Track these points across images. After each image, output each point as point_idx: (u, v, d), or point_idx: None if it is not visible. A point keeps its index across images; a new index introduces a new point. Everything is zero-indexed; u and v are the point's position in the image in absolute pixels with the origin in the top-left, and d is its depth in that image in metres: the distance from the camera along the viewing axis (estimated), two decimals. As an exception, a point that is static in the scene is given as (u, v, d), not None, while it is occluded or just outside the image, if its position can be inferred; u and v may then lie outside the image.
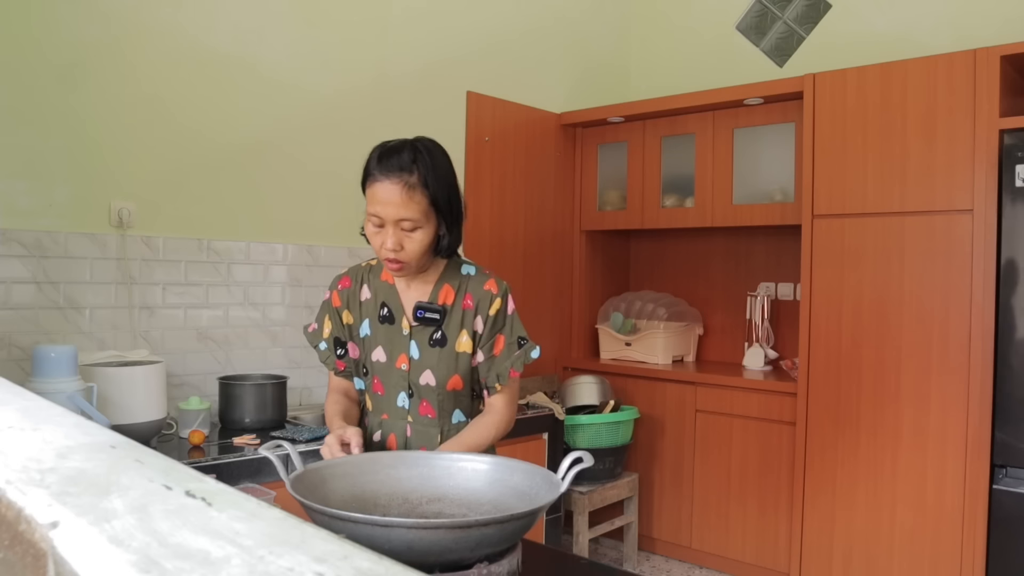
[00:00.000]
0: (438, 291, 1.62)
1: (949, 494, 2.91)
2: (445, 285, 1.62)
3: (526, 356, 1.63)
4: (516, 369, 1.62)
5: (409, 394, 1.62)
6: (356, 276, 1.70)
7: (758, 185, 3.69)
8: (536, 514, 1.12)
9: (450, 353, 1.60)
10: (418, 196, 1.49)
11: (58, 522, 0.41)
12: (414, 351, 1.61)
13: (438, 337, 1.60)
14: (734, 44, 4.19)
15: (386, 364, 1.62)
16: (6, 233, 2.38)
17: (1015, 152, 2.72)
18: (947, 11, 3.52)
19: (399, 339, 1.62)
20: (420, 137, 1.58)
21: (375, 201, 1.50)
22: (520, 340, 1.63)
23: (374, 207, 1.50)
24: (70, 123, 2.51)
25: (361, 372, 1.69)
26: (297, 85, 3.06)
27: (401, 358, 1.61)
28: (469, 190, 3.72)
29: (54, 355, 2.11)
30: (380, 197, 1.49)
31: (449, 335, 1.60)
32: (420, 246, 1.52)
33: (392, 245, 1.50)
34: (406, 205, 1.48)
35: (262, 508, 0.45)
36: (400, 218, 1.49)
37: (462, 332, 1.60)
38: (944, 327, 2.94)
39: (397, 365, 1.62)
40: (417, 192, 1.48)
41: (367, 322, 1.65)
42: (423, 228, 1.51)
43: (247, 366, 2.92)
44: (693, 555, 3.67)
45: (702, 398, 3.63)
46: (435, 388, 1.60)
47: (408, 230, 1.50)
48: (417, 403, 1.62)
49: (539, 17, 4.08)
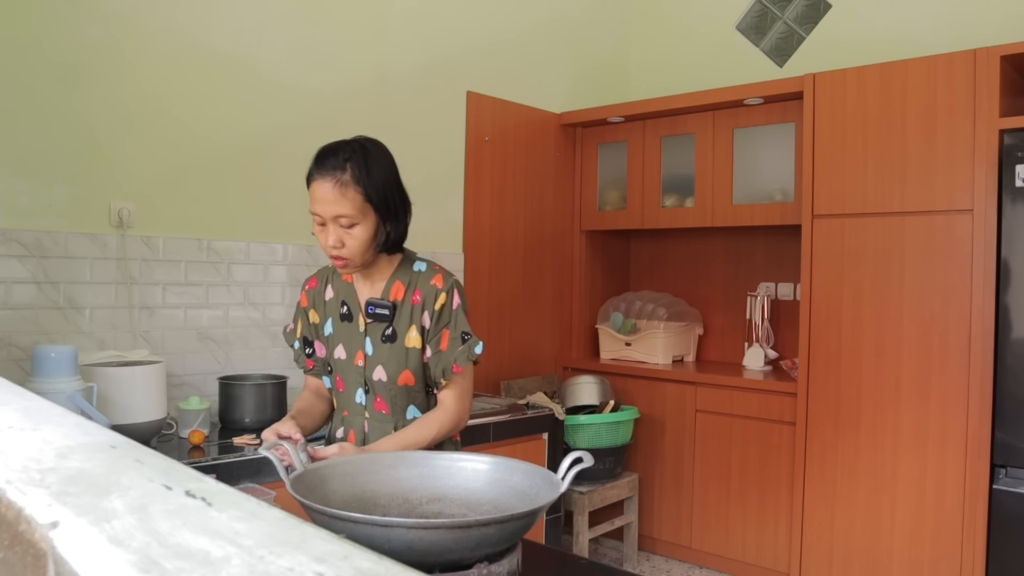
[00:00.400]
0: (390, 287, 1.67)
1: (949, 494, 2.91)
2: (396, 282, 1.67)
3: (470, 351, 1.64)
4: (460, 364, 1.63)
5: (365, 390, 1.67)
6: (322, 277, 1.77)
7: (758, 185, 3.69)
8: (536, 514, 1.12)
9: (400, 349, 1.64)
10: (351, 193, 1.54)
11: (58, 522, 0.41)
12: (368, 347, 1.66)
13: (389, 333, 1.64)
14: (734, 44, 4.20)
15: (346, 361, 1.68)
16: (6, 233, 2.38)
17: (1015, 152, 2.72)
18: (947, 11, 3.52)
19: (356, 336, 1.67)
20: (360, 136, 1.64)
21: (314, 199, 1.56)
22: (464, 335, 1.65)
23: (313, 205, 1.56)
24: (70, 123, 2.51)
25: (327, 371, 1.75)
26: (297, 85, 3.06)
27: (358, 355, 1.67)
28: (469, 190, 3.73)
29: (54, 355, 2.11)
30: (317, 195, 1.55)
31: (399, 331, 1.64)
32: (360, 242, 1.56)
33: (333, 242, 1.55)
34: (339, 202, 1.53)
35: (262, 508, 0.45)
36: (336, 215, 1.54)
37: (411, 328, 1.64)
38: (944, 327, 2.94)
39: (355, 362, 1.67)
40: (350, 189, 1.54)
41: (330, 321, 1.71)
42: (361, 224, 1.56)
43: (247, 366, 2.92)
44: (693, 555, 3.67)
45: (702, 398, 3.63)
46: (387, 384, 1.65)
47: (346, 227, 1.55)
48: (373, 399, 1.67)
49: (539, 17, 4.08)
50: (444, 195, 3.63)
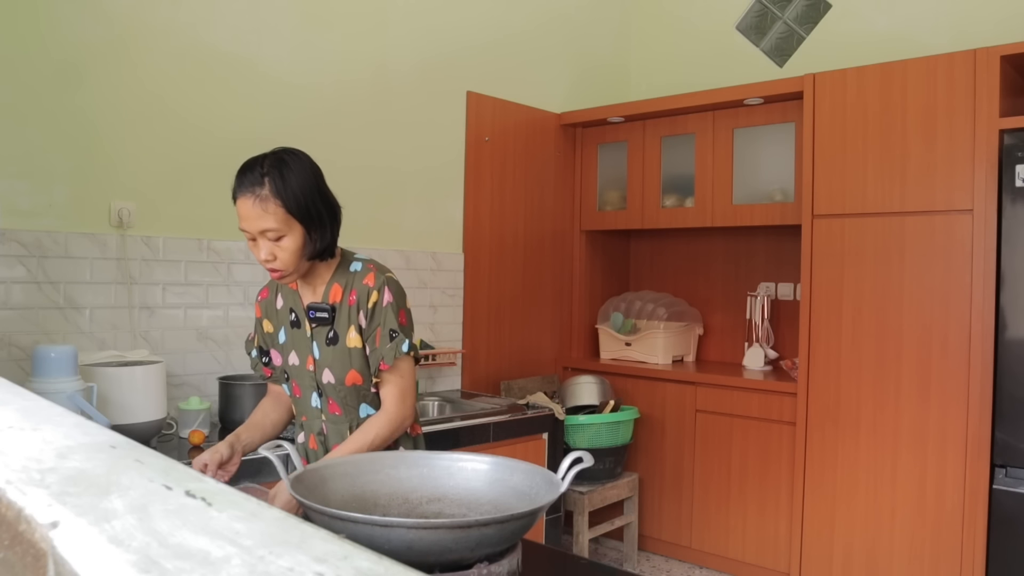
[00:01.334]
0: (328, 291, 1.68)
1: (949, 494, 2.91)
2: (335, 284, 1.68)
3: (397, 349, 1.64)
4: (386, 361, 1.63)
5: (319, 393, 1.70)
6: (272, 286, 1.79)
7: (758, 185, 3.69)
8: (536, 514, 1.12)
9: (342, 350, 1.66)
10: (271, 207, 1.54)
11: (58, 522, 0.41)
12: (316, 351, 1.68)
13: (331, 336, 1.66)
14: (734, 44, 4.20)
15: (299, 367, 1.71)
16: (6, 233, 2.38)
17: (1015, 152, 2.72)
18: (947, 11, 3.52)
19: (304, 341, 1.70)
20: (278, 148, 1.63)
21: (239, 216, 1.58)
22: (391, 332, 1.64)
23: (240, 222, 1.58)
24: (71, 123, 2.51)
25: (283, 378, 1.78)
26: (297, 85, 3.06)
27: (308, 359, 1.69)
28: (469, 190, 3.72)
29: (54, 355, 2.11)
30: (241, 212, 1.57)
31: (340, 332, 1.66)
32: (289, 253, 1.57)
33: (265, 255, 1.57)
34: (262, 217, 1.54)
35: (262, 508, 0.45)
36: (261, 229, 1.55)
37: (350, 328, 1.65)
38: (944, 327, 2.94)
39: (307, 367, 1.70)
40: (270, 203, 1.54)
41: (283, 329, 1.74)
42: (288, 235, 1.56)
43: (247, 366, 2.91)
44: (693, 555, 3.67)
45: (702, 398, 3.63)
46: (335, 385, 1.66)
47: (274, 239, 1.56)
48: (326, 402, 1.69)
49: (539, 17, 4.08)
50: (444, 195, 3.63)
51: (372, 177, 3.33)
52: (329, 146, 3.17)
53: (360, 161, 3.29)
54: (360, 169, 3.29)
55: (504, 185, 3.90)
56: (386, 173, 3.38)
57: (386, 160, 3.38)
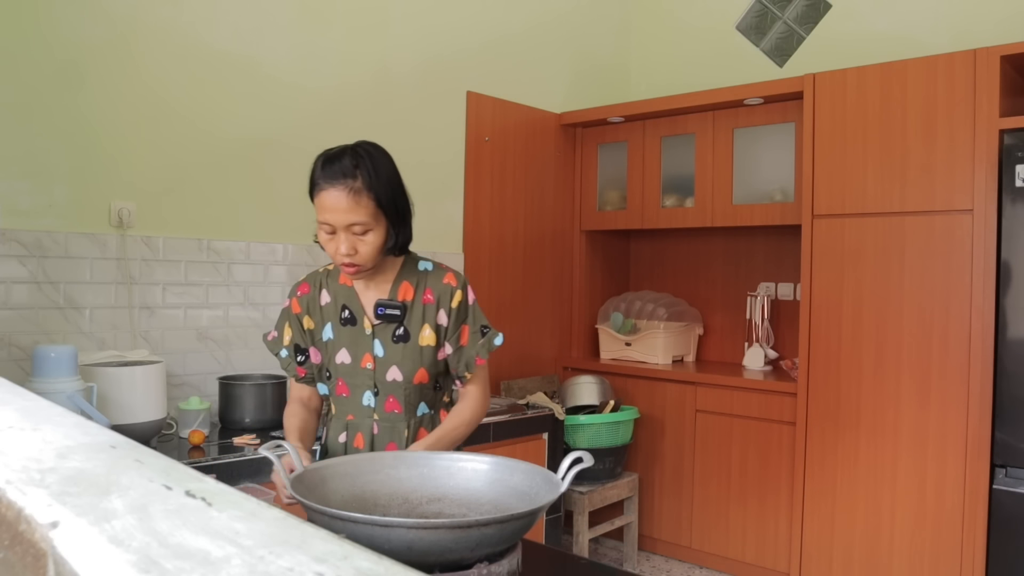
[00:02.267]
0: (397, 289, 1.65)
1: (949, 494, 2.91)
2: (404, 283, 1.66)
3: (490, 344, 1.68)
4: (481, 356, 1.67)
5: (375, 392, 1.65)
6: (314, 282, 1.72)
7: (758, 185, 3.69)
8: (536, 514, 1.12)
9: (414, 348, 1.64)
10: (364, 200, 1.52)
11: (58, 522, 0.41)
12: (378, 349, 1.64)
13: (401, 333, 1.64)
14: (734, 44, 4.20)
15: (351, 365, 1.66)
16: (6, 233, 2.38)
17: (1015, 152, 2.72)
18: (947, 11, 3.52)
19: (362, 339, 1.65)
20: (361, 141, 1.62)
21: (324, 209, 1.53)
22: (483, 328, 1.68)
23: (324, 215, 1.54)
24: (70, 123, 2.51)
25: (324, 376, 1.71)
26: (297, 85, 3.06)
27: (366, 358, 1.65)
28: (469, 190, 3.72)
29: (54, 355, 2.11)
30: (328, 205, 1.53)
31: (412, 330, 1.64)
32: (373, 248, 1.55)
33: (346, 250, 1.54)
34: (353, 210, 1.52)
35: (262, 508, 0.45)
36: (350, 223, 1.52)
37: (424, 326, 1.64)
38: (944, 327, 2.94)
39: (362, 365, 1.65)
40: (363, 196, 1.52)
41: (329, 326, 1.68)
42: (373, 230, 1.55)
43: (247, 366, 2.92)
44: (693, 555, 3.67)
45: (702, 398, 3.63)
46: (402, 383, 1.64)
47: (359, 234, 1.54)
48: (383, 400, 1.65)
49: (539, 17, 4.08)
50: (444, 195, 3.63)
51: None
52: (329, 145, 3.17)
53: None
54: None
55: (504, 185, 3.90)
56: (386, 173, 3.37)
57: (386, 160, 3.38)
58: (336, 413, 1.71)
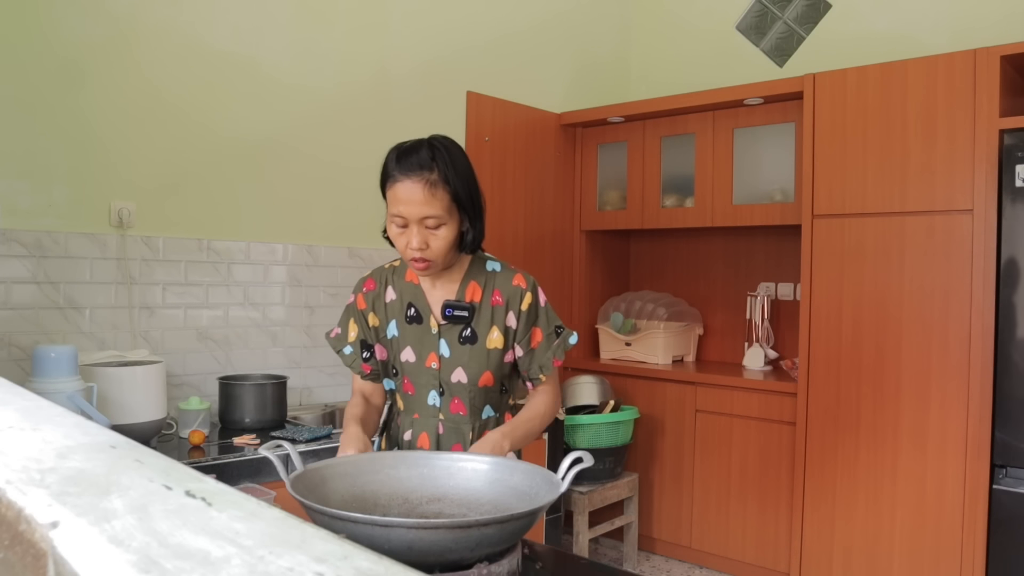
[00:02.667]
0: (464, 289, 1.62)
1: (949, 494, 2.91)
2: (471, 283, 1.63)
3: (565, 344, 1.66)
4: (558, 358, 1.66)
5: (440, 392, 1.63)
6: (380, 278, 1.70)
7: (758, 185, 3.69)
8: (536, 514, 1.12)
9: (481, 350, 1.61)
10: (440, 193, 1.49)
11: (58, 522, 0.41)
12: (444, 349, 1.61)
13: (468, 334, 1.61)
14: (734, 44, 4.19)
15: (416, 364, 1.63)
16: (6, 233, 2.38)
17: (1015, 152, 2.72)
18: (947, 11, 3.52)
19: (428, 338, 1.62)
20: (436, 135, 1.58)
21: (397, 201, 1.50)
22: (557, 329, 1.66)
23: (397, 207, 1.50)
24: (70, 123, 2.51)
25: (391, 373, 1.69)
26: (297, 85, 3.06)
27: (431, 357, 1.62)
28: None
29: (54, 355, 2.11)
30: (402, 197, 1.49)
31: (479, 332, 1.61)
32: (445, 243, 1.52)
33: (418, 244, 1.50)
34: (429, 203, 1.48)
35: (262, 508, 0.45)
36: (424, 216, 1.49)
37: (492, 328, 1.61)
38: (944, 327, 2.94)
39: (427, 364, 1.62)
40: (439, 189, 1.49)
41: (394, 323, 1.65)
42: (447, 225, 1.51)
43: (247, 366, 2.92)
44: (693, 555, 3.67)
45: (702, 398, 3.63)
46: (467, 385, 1.61)
47: (432, 228, 1.50)
48: (448, 401, 1.63)
49: (539, 17, 4.08)
50: (444, 195, 3.62)
51: (372, 177, 3.31)
52: (329, 146, 3.17)
53: (360, 160, 3.28)
54: (360, 168, 3.29)
55: (504, 185, 3.90)
56: (386, 173, 3.37)
57: (386, 160, 3.38)
58: (403, 410, 1.69)
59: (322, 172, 3.15)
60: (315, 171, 3.13)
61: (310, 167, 3.11)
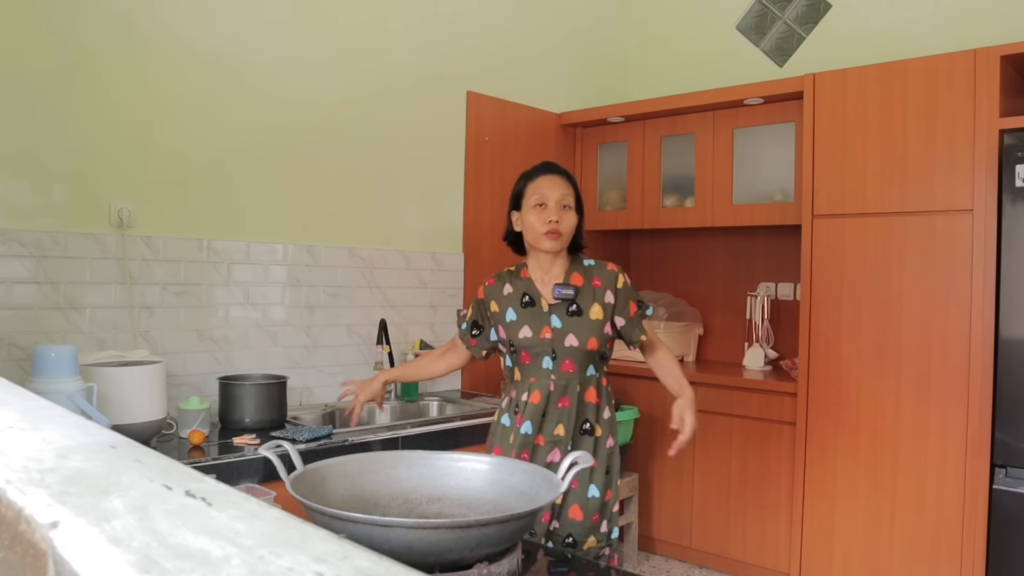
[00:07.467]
0: (569, 277, 2.11)
1: (949, 494, 2.91)
2: (574, 274, 2.11)
3: (645, 310, 2.16)
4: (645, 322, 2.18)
5: (552, 357, 2.06)
6: (499, 278, 2.19)
7: (758, 185, 3.69)
8: (536, 514, 1.12)
9: (587, 320, 2.07)
10: (571, 191, 2.09)
11: (58, 522, 0.41)
12: (556, 322, 2.07)
13: (574, 310, 2.07)
14: (734, 44, 4.19)
15: (532, 338, 2.07)
16: (6, 233, 2.38)
17: (1015, 152, 2.72)
18: (947, 11, 3.52)
19: (540, 316, 2.08)
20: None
21: (541, 187, 2.06)
22: (639, 302, 2.15)
23: (540, 192, 2.06)
24: (70, 123, 2.51)
25: (509, 350, 2.12)
26: (297, 85, 3.06)
27: (544, 330, 2.07)
28: (469, 190, 3.72)
29: (54, 355, 2.11)
30: (546, 183, 2.07)
31: (583, 307, 2.07)
32: (573, 222, 2.08)
33: (556, 216, 2.03)
34: (566, 189, 2.07)
35: (262, 508, 0.45)
36: (563, 195, 2.06)
37: (594, 304, 2.08)
38: (944, 327, 2.94)
39: (541, 336, 2.06)
40: (570, 189, 2.09)
41: (511, 309, 2.11)
42: (573, 211, 2.08)
43: (247, 366, 2.92)
44: (693, 555, 3.67)
45: (702, 398, 3.62)
46: (578, 348, 2.05)
47: (568, 207, 2.06)
48: (560, 362, 2.06)
49: (539, 17, 4.08)
50: (444, 195, 3.63)
51: (372, 177, 3.33)
52: (329, 145, 3.17)
53: (360, 161, 3.29)
54: (360, 169, 3.29)
55: (504, 185, 3.89)
56: (386, 173, 3.38)
57: (386, 160, 3.38)
58: (520, 379, 2.11)
59: (322, 172, 3.15)
60: (315, 171, 3.13)
61: (310, 167, 3.11)
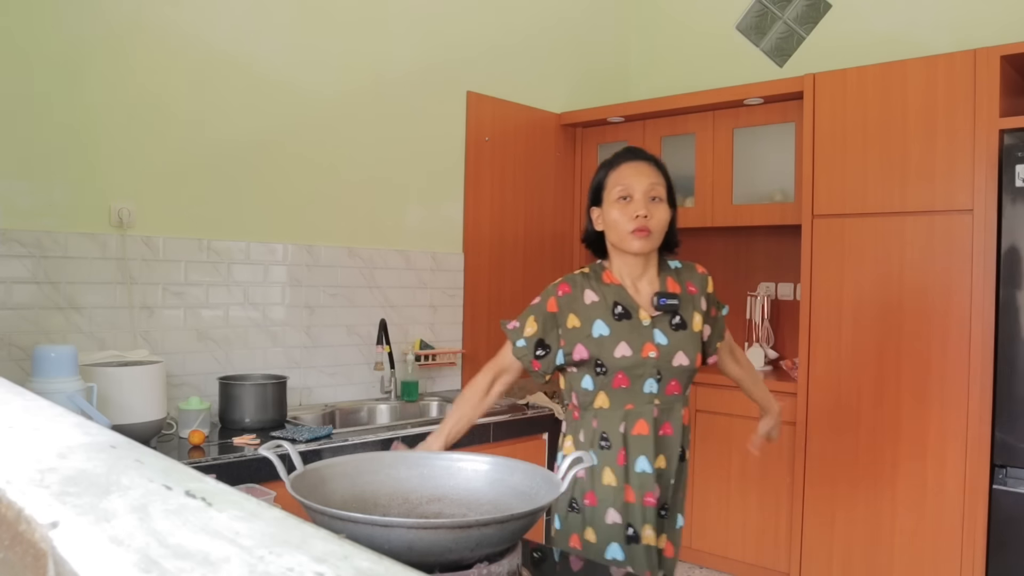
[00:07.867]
0: (664, 282, 1.77)
1: (949, 494, 2.91)
2: (668, 278, 1.79)
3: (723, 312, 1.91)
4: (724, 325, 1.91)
5: (657, 379, 1.72)
6: (575, 283, 1.77)
7: (758, 185, 3.69)
8: (536, 514, 1.12)
9: (691, 335, 1.76)
10: (660, 178, 1.73)
11: (58, 522, 0.41)
12: (660, 338, 1.72)
13: (678, 322, 1.75)
14: (734, 44, 4.19)
15: (633, 357, 1.70)
16: (6, 233, 2.38)
17: (1015, 152, 2.72)
18: (947, 11, 3.51)
19: (641, 330, 1.72)
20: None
21: (624, 177, 1.71)
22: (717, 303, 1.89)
23: (624, 181, 1.71)
24: (70, 123, 2.51)
25: (594, 372, 1.72)
26: (297, 84, 3.06)
27: (647, 347, 1.71)
28: (469, 190, 3.72)
29: (54, 355, 2.11)
30: (629, 172, 1.71)
31: (686, 319, 1.76)
32: (662, 220, 1.71)
33: (644, 211, 1.67)
34: (655, 177, 1.72)
35: (262, 508, 0.45)
36: (651, 183, 1.70)
37: (695, 314, 1.77)
38: (944, 327, 2.94)
39: (644, 355, 1.70)
40: (660, 175, 1.74)
41: (600, 322, 1.72)
42: (664, 204, 1.72)
43: (247, 366, 2.92)
44: (693, 555, 3.67)
45: (702, 398, 3.62)
46: (687, 367, 1.74)
47: (656, 198, 1.70)
48: (665, 384, 1.73)
49: (539, 17, 4.08)
50: (444, 195, 3.63)
51: (372, 177, 3.33)
52: (329, 145, 3.17)
53: (360, 161, 3.29)
54: (360, 169, 3.29)
55: (504, 185, 3.90)
56: (386, 173, 3.38)
57: (386, 160, 3.38)
58: (610, 407, 1.73)
59: (322, 172, 3.15)
60: (315, 171, 3.13)
61: (310, 167, 3.11)
